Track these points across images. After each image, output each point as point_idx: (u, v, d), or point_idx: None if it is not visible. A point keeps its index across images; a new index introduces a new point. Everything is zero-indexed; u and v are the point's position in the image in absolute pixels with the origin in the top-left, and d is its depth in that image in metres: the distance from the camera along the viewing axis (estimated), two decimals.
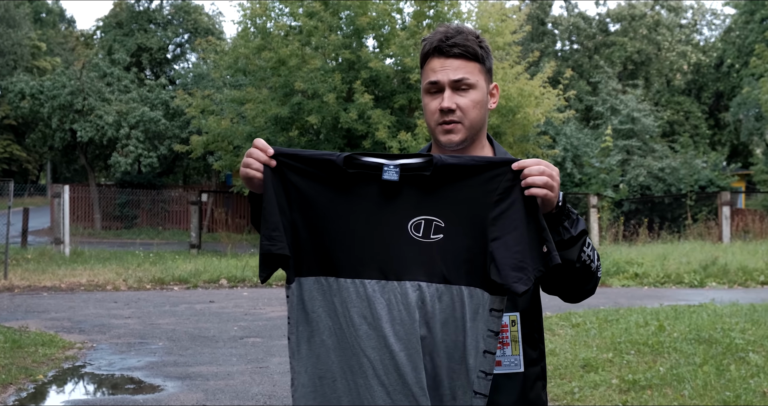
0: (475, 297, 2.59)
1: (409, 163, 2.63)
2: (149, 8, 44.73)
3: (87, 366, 9.74)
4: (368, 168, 2.63)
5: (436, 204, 2.62)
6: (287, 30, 25.22)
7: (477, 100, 2.83)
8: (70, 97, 36.49)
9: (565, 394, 7.87)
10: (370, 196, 2.63)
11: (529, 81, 25.28)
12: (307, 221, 2.66)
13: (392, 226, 2.61)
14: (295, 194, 2.66)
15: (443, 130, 2.83)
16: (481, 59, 2.85)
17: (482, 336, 2.58)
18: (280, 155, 2.67)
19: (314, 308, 2.63)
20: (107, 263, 20.50)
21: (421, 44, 2.91)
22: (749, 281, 17.62)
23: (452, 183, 2.62)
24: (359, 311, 2.58)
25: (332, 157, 2.64)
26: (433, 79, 2.81)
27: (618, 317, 11.82)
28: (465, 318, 2.58)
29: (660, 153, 37.63)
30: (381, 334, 2.56)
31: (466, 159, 2.65)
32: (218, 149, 27.68)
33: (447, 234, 2.61)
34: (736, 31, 46.99)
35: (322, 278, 2.63)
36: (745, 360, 8.56)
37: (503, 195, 2.60)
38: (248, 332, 11.86)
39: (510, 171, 2.62)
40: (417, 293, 2.57)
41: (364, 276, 2.59)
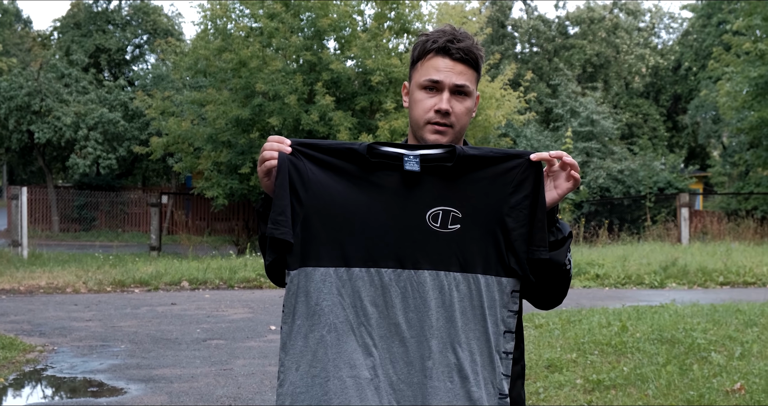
0: (491, 285, 2.65)
1: (430, 153, 2.67)
2: (107, 9, 44.34)
3: (48, 369, 9.63)
4: (389, 158, 2.66)
5: (453, 195, 2.67)
6: (248, 31, 25.14)
7: (470, 107, 2.88)
8: (27, 98, 36.12)
9: (530, 394, 7.89)
10: (389, 187, 2.66)
11: (490, 83, 25.40)
12: (322, 210, 2.66)
13: (410, 216, 2.65)
14: (312, 183, 2.67)
15: (434, 129, 2.84)
16: (479, 68, 2.90)
17: (501, 319, 2.65)
18: (298, 145, 2.69)
19: (319, 301, 2.62)
20: (66, 266, 20.29)
21: (419, 38, 2.91)
22: (708, 281, 17.77)
23: (470, 174, 2.69)
24: (372, 299, 2.61)
25: (354, 146, 2.68)
26: (436, 78, 2.82)
27: (581, 317, 11.88)
28: (483, 306, 2.64)
29: (619, 155, 37.89)
30: (393, 321, 2.59)
31: (485, 150, 2.71)
32: (178, 151, 27.53)
33: (464, 224, 2.66)
34: (694, 34, 47.50)
35: (331, 270, 2.63)
36: (707, 360, 8.63)
37: (519, 187, 2.69)
38: (211, 334, 11.80)
39: (527, 162, 2.71)
40: (435, 282, 2.62)
41: (380, 265, 2.63)
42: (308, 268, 2.64)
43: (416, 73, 2.89)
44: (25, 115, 36.74)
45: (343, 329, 2.59)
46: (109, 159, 36.95)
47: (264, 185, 2.73)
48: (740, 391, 7.40)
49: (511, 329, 2.67)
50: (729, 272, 18.09)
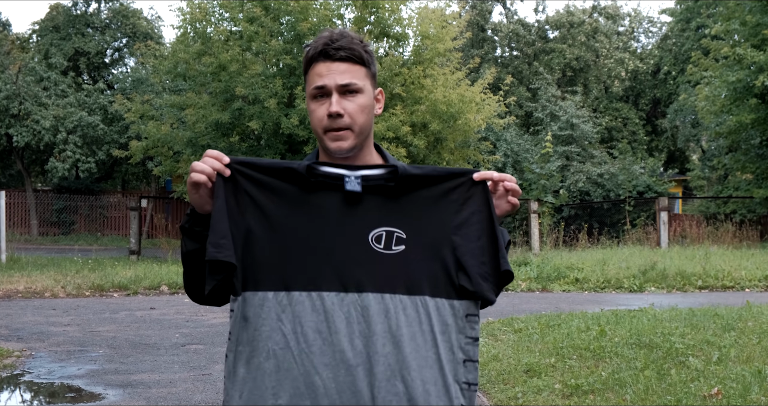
0: (442, 309, 2.55)
1: (372, 174, 2.59)
2: (86, 12, 44.22)
3: (26, 374, 9.57)
4: (329, 178, 2.57)
5: (397, 215, 2.58)
6: (228, 35, 25.09)
7: (364, 104, 2.74)
8: (6, 102, 36.00)
9: (508, 399, 7.89)
10: (330, 207, 2.56)
11: (470, 87, 25.45)
12: (261, 233, 2.56)
13: (353, 237, 2.55)
14: (249, 204, 2.57)
15: (332, 137, 2.72)
16: (367, 63, 2.77)
17: (458, 346, 2.55)
18: (236, 163, 2.59)
19: (258, 326, 2.51)
20: (45, 270, 20.20)
21: (304, 50, 2.81)
22: (687, 285, 17.85)
23: (414, 193, 2.60)
24: (314, 325, 2.49)
25: (293, 165, 2.58)
26: (320, 84, 2.70)
27: (560, 322, 11.90)
28: (434, 331, 2.53)
29: (599, 159, 38.04)
30: (338, 348, 2.46)
31: (428, 169, 2.63)
32: (158, 155, 27.44)
33: (409, 245, 2.57)
34: (673, 38, 47.72)
35: (270, 294, 2.52)
36: (685, 364, 8.66)
37: (464, 205, 2.61)
38: (190, 339, 11.77)
39: (470, 181, 2.63)
40: (380, 306, 2.51)
41: (322, 288, 2.51)
42: (247, 292, 2.54)
43: (307, 86, 2.79)
44: (4, 118, 36.62)
45: (283, 356, 2.48)
46: (89, 163, 36.87)
47: (191, 199, 2.60)
48: (717, 396, 7.42)
49: (472, 357, 2.57)
50: (707, 276, 18.18)
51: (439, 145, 25.13)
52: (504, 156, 34.76)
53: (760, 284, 17.87)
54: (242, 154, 23.71)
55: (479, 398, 8.18)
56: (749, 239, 27.91)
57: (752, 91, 28.64)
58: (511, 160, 35.37)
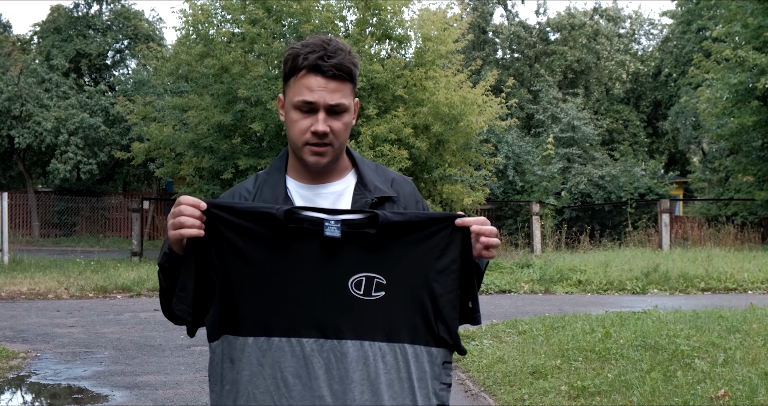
0: (420, 356, 2.56)
1: (352, 219, 2.58)
2: (88, 14, 44.21)
3: (32, 376, 9.60)
4: (309, 223, 2.56)
5: (377, 261, 2.57)
6: (230, 37, 25.10)
7: (347, 122, 2.78)
8: (8, 103, 36.02)
9: (515, 401, 7.91)
10: (310, 253, 2.56)
11: (472, 89, 25.44)
12: (240, 278, 2.56)
13: (332, 283, 2.55)
14: (227, 250, 2.57)
15: (312, 151, 2.73)
16: (354, 78, 2.78)
17: (433, 392, 2.57)
18: (214, 208, 2.58)
19: (239, 369, 2.55)
20: (48, 271, 20.20)
21: (289, 51, 2.78)
22: (690, 287, 17.86)
23: (395, 240, 2.59)
24: (294, 370, 2.51)
25: (271, 210, 2.57)
26: (309, 99, 2.69)
27: (564, 323, 11.91)
28: (412, 378, 2.54)
29: (600, 161, 38.04)
30: (317, 394, 2.48)
31: (410, 216, 2.62)
32: (160, 156, 27.45)
33: (389, 291, 2.56)
34: (674, 41, 47.70)
35: (250, 339, 2.54)
36: (691, 366, 8.67)
37: (445, 250, 2.61)
38: (195, 340, 11.74)
39: (452, 226, 2.62)
40: (359, 353, 2.52)
41: (301, 335, 2.52)
42: (230, 336, 2.57)
43: (290, 91, 2.77)
44: (5, 120, 36.64)
45: (263, 399, 2.51)
46: (90, 164, 36.87)
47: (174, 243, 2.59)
48: (724, 397, 7.44)
49: (444, 402, 2.59)
50: (710, 278, 18.19)
51: (441, 147, 25.12)
52: (505, 158, 34.76)
53: (763, 286, 17.88)
54: (245, 156, 23.73)
55: (486, 400, 8.20)
56: (751, 241, 27.93)
57: (754, 93, 28.66)
58: (512, 162, 35.38)
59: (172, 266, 2.64)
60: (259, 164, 23.28)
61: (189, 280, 2.54)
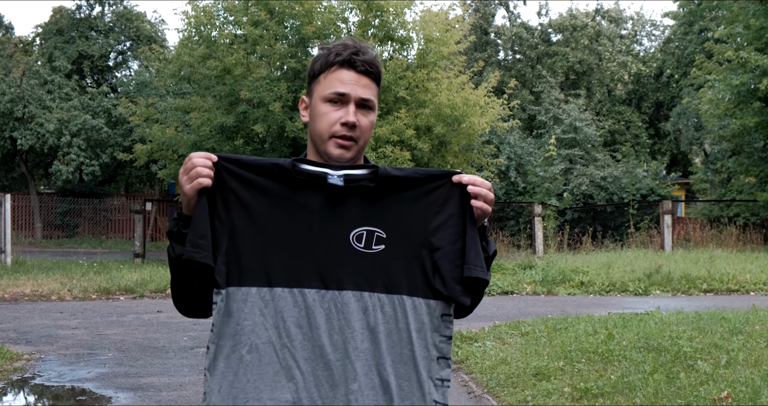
0: (418, 307, 2.61)
1: (353, 173, 2.64)
2: (90, 15, 44.27)
3: (36, 378, 9.61)
4: (312, 176, 2.62)
5: (378, 215, 2.64)
6: (232, 39, 25.14)
7: (373, 121, 2.82)
8: (10, 105, 36.08)
9: (518, 402, 7.93)
10: (313, 206, 2.62)
11: (474, 91, 25.48)
12: (245, 230, 2.61)
13: (334, 236, 2.61)
14: (234, 202, 2.62)
15: (338, 144, 2.75)
16: (380, 82, 2.85)
17: (432, 344, 2.61)
18: (223, 160, 2.63)
19: (240, 320, 2.57)
20: (50, 273, 20.24)
21: (321, 51, 2.84)
22: (692, 288, 17.87)
23: (394, 194, 2.66)
24: (296, 320, 2.55)
25: (279, 162, 2.63)
26: (343, 91, 2.73)
27: (567, 325, 11.92)
28: (410, 329, 2.59)
29: (602, 162, 38.05)
30: (318, 343, 2.54)
31: (409, 171, 2.68)
32: (162, 158, 27.48)
33: (388, 245, 2.63)
34: (675, 42, 47.72)
35: (254, 289, 2.58)
36: (693, 368, 8.69)
37: (443, 207, 2.66)
38: (198, 341, 11.80)
39: (450, 183, 2.68)
40: (359, 303, 2.58)
41: (303, 285, 2.57)
42: (231, 287, 2.59)
43: (319, 87, 2.80)
44: (8, 121, 36.70)
45: (265, 350, 2.55)
46: (92, 166, 36.93)
47: (188, 200, 2.63)
48: (727, 399, 7.45)
49: (445, 355, 2.63)
50: (712, 280, 18.21)
51: (444, 148, 25.16)
52: (507, 159, 34.79)
53: (765, 287, 17.89)
54: None
55: (489, 401, 8.22)
56: (753, 243, 27.95)
57: (756, 94, 28.68)
58: (514, 163, 35.40)
59: (183, 229, 2.68)
60: None
61: (207, 228, 2.58)
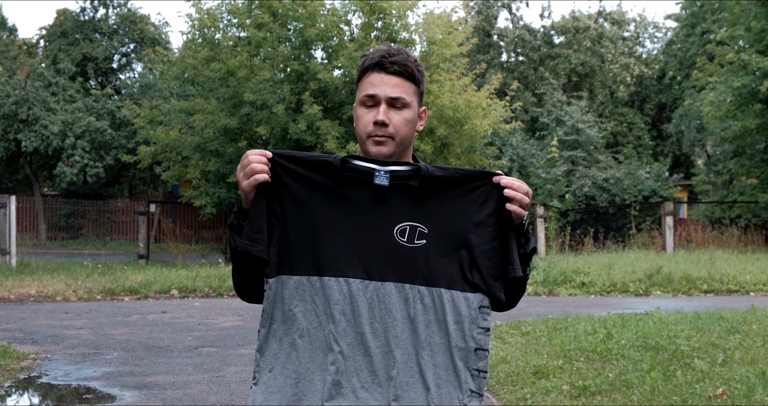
0: (456, 300, 2.75)
1: (399, 170, 2.80)
2: (94, 17, 44.32)
3: (43, 377, 9.72)
4: (360, 172, 2.79)
5: (421, 212, 2.79)
6: (236, 41, 25.25)
7: (409, 118, 2.93)
8: (15, 107, 36.18)
9: (517, 400, 8.04)
10: (360, 201, 2.79)
11: (476, 92, 25.57)
12: (296, 222, 2.80)
13: (379, 230, 2.77)
14: (287, 195, 2.81)
15: (374, 141, 2.90)
16: (417, 81, 2.96)
17: (470, 335, 2.74)
18: (277, 157, 2.82)
19: (292, 307, 2.76)
20: (55, 274, 20.34)
21: (360, 59, 3.01)
22: (693, 289, 17.95)
23: (436, 192, 2.80)
24: (341, 308, 2.72)
25: (329, 159, 2.81)
26: (371, 93, 2.89)
27: (567, 325, 12.03)
28: (447, 320, 2.73)
29: (604, 164, 38.11)
30: (359, 330, 2.70)
31: (450, 171, 2.83)
32: (166, 160, 27.59)
33: (430, 240, 2.77)
34: (678, 44, 47.75)
35: (304, 278, 2.77)
36: (690, 366, 8.79)
37: (482, 205, 2.80)
38: (203, 341, 11.91)
39: (490, 183, 2.82)
40: (400, 294, 2.73)
41: (349, 275, 2.74)
42: (283, 276, 2.79)
43: (358, 93, 2.98)
44: (12, 123, 36.81)
45: (315, 334, 2.73)
46: (96, 167, 37.03)
47: (246, 195, 2.82)
48: (722, 396, 7.56)
49: (483, 346, 2.76)
50: (713, 280, 18.28)
51: (446, 150, 25.26)
52: (510, 161, 34.87)
53: (765, 287, 17.97)
54: None
55: (489, 399, 8.33)
56: (754, 244, 28.01)
57: (757, 96, 28.79)
58: (516, 165, 35.47)
59: (243, 222, 2.87)
60: None
61: (263, 223, 2.79)
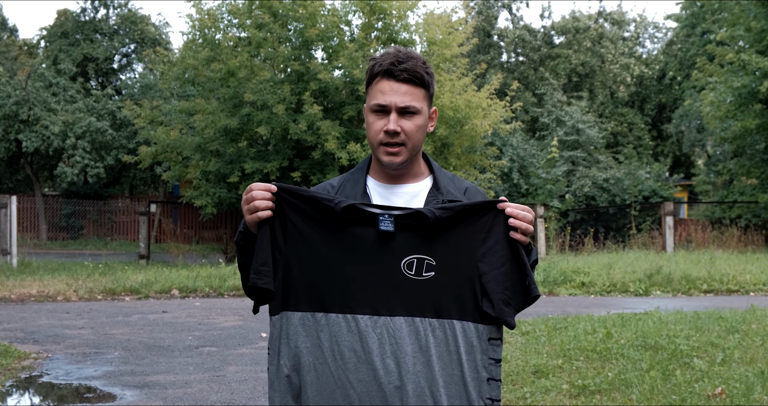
0: (468, 331, 2.77)
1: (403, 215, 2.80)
2: (95, 18, 44.33)
3: (44, 376, 9.76)
4: (363, 220, 2.79)
5: (427, 244, 2.79)
6: (236, 41, 25.27)
7: (420, 124, 2.97)
8: (15, 107, 36.19)
9: (517, 399, 8.06)
10: (366, 237, 2.79)
11: (477, 93, 25.55)
12: (301, 258, 2.81)
13: (386, 264, 2.77)
14: (291, 231, 2.82)
15: (386, 151, 2.96)
16: (427, 85, 2.98)
17: (482, 366, 2.77)
18: (282, 192, 2.83)
19: (298, 343, 2.76)
20: (56, 274, 20.38)
21: (369, 63, 3.03)
22: (692, 289, 17.97)
23: (443, 226, 2.81)
24: (349, 345, 2.73)
25: (331, 203, 2.80)
26: (382, 103, 2.93)
27: (566, 324, 12.06)
28: (460, 352, 2.75)
29: (604, 164, 38.12)
30: (371, 367, 2.70)
31: (456, 208, 2.83)
32: (167, 160, 27.61)
33: (438, 272, 2.78)
34: (678, 44, 47.77)
35: (309, 314, 2.77)
36: (689, 365, 8.82)
37: (489, 233, 2.83)
38: (203, 341, 11.94)
39: (495, 211, 2.84)
40: (410, 328, 2.73)
41: (356, 312, 2.75)
42: (288, 312, 2.80)
43: (368, 98, 3.02)
44: (13, 124, 36.82)
45: (322, 370, 2.74)
46: (97, 168, 37.04)
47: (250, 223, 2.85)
48: (721, 395, 7.59)
49: (495, 377, 2.79)
50: (712, 280, 18.30)
51: (446, 150, 25.27)
52: (510, 161, 34.88)
53: (765, 287, 17.99)
54: (251, 159, 23.89)
55: None
56: (754, 244, 28.03)
57: (757, 96, 28.80)
58: (517, 165, 35.49)
59: (247, 243, 2.91)
60: (265, 168, 23.44)
61: (268, 255, 2.80)
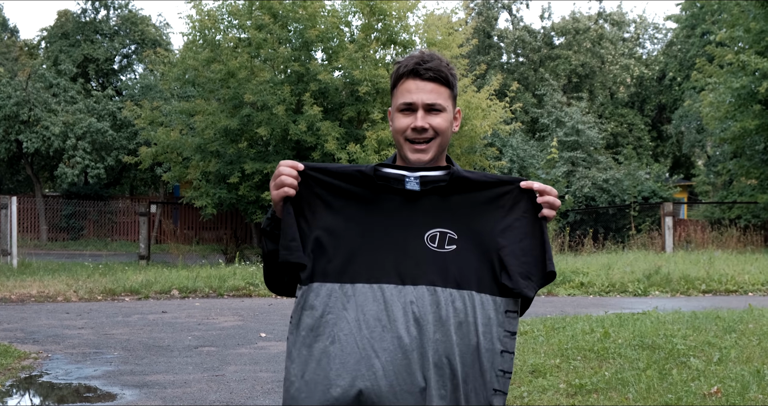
0: (486, 303, 2.85)
1: (429, 175, 2.91)
2: (95, 19, 44.37)
3: (44, 376, 9.79)
4: (392, 179, 2.90)
5: (450, 218, 2.90)
6: (236, 42, 25.32)
7: (446, 119, 3.03)
8: (16, 108, 36.21)
9: (514, 398, 8.10)
10: (392, 209, 2.90)
11: (477, 93, 25.63)
12: (329, 231, 2.90)
13: (410, 237, 2.88)
14: (320, 205, 2.92)
15: (413, 149, 3.00)
16: (451, 85, 3.05)
17: (497, 338, 2.85)
18: (309, 169, 2.93)
19: (324, 314, 2.84)
20: (56, 275, 20.40)
21: (394, 67, 3.11)
22: (691, 289, 17.98)
23: (465, 197, 2.92)
24: (375, 314, 2.81)
25: (361, 168, 2.92)
26: (409, 101, 2.99)
27: (564, 324, 12.08)
28: (477, 323, 2.83)
29: (604, 164, 38.13)
30: (396, 335, 2.78)
31: (478, 175, 2.95)
32: (167, 161, 27.66)
33: (459, 245, 2.88)
34: (678, 45, 47.78)
35: (337, 285, 2.85)
36: (686, 365, 8.86)
37: (510, 210, 2.93)
38: (203, 341, 11.98)
39: (517, 189, 2.94)
40: (432, 298, 2.81)
41: (382, 281, 2.84)
42: (315, 283, 2.87)
43: (394, 99, 3.07)
44: (14, 124, 36.85)
45: (347, 341, 2.79)
46: (98, 168, 37.06)
47: (277, 205, 2.94)
48: (717, 394, 7.63)
49: (509, 349, 2.86)
50: (711, 280, 18.31)
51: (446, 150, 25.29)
52: (510, 162, 34.93)
53: (763, 288, 18.01)
54: (251, 160, 23.95)
55: None
56: (753, 244, 28.05)
57: (756, 97, 28.83)
58: (516, 165, 35.53)
59: (274, 229, 2.99)
60: (266, 168, 23.48)
61: (295, 231, 2.89)
